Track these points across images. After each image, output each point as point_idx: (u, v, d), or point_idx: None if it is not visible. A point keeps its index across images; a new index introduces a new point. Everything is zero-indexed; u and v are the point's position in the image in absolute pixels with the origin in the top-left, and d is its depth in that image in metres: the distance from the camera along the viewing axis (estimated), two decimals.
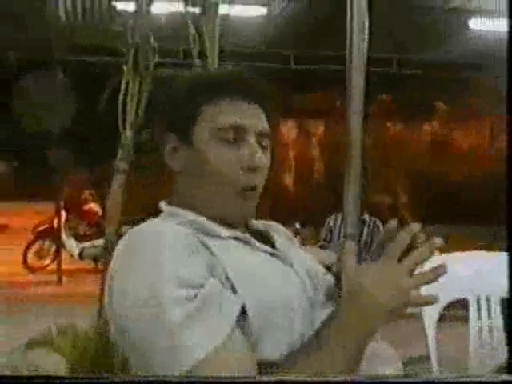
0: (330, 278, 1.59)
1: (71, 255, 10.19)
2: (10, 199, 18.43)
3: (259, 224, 1.63)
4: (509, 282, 1.15)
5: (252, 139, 1.48)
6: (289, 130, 14.76)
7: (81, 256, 10.21)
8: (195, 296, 1.26)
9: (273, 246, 1.54)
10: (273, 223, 1.71)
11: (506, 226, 1.36)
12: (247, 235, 1.49)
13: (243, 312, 1.31)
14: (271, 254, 1.49)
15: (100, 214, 10.61)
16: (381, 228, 6.56)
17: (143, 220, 1.49)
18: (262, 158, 1.49)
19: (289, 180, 14.90)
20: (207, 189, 1.49)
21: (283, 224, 1.79)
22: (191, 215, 1.47)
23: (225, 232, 1.44)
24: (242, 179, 1.47)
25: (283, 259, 1.50)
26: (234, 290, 1.33)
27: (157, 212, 1.54)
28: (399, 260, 1.33)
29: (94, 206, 10.90)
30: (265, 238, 1.56)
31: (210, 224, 1.44)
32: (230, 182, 1.46)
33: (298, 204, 12.73)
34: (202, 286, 1.28)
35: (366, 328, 1.30)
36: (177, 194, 1.55)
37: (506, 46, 1.16)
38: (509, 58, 1.15)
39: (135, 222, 1.49)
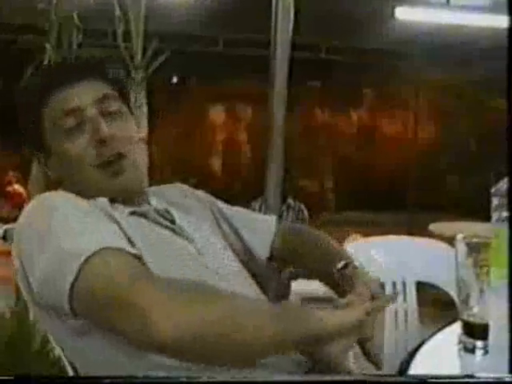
0: (230, 255, 1.62)
1: None
2: None
3: (158, 202, 1.63)
4: (509, 276, 1.17)
5: (93, 111, 1.50)
6: (216, 114, 14.72)
7: (4, 237, 9.99)
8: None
9: (172, 221, 1.55)
10: (170, 191, 1.74)
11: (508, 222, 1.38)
12: (148, 209, 1.53)
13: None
14: (173, 231, 1.51)
15: (24, 195, 10.41)
16: (305, 213, 6.61)
17: None
18: (109, 127, 1.49)
19: (215, 163, 14.87)
20: (78, 179, 1.51)
21: None
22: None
23: (124, 209, 1.48)
24: (97, 155, 1.48)
25: (183, 235, 1.52)
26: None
27: None
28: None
29: (18, 188, 10.68)
30: (165, 214, 1.57)
31: (107, 202, 1.47)
32: (89, 163, 1.48)
33: (223, 188, 12.72)
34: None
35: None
36: (64, 187, 1.56)
37: (507, 46, 1.18)
38: (509, 58, 1.16)
39: None
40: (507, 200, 1.37)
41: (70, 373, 1.43)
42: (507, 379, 1.10)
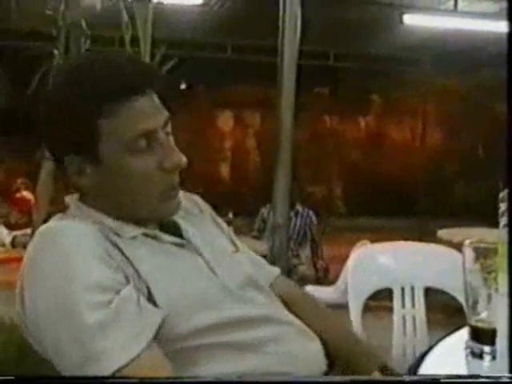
0: (243, 259, 1.60)
1: (2, 244, 10.00)
2: None
3: None
4: (508, 278, 1.17)
5: (161, 135, 1.38)
6: (224, 120, 14.74)
7: (13, 244, 10.03)
8: (110, 302, 1.21)
9: (181, 235, 1.50)
10: (183, 200, 1.61)
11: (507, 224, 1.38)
12: (156, 231, 1.45)
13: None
14: (180, 246, 1.46)
15: (32, 202, 10.43)
16: (313, 219, 6.62)
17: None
18: (180, 155, 1.39)
19: (223, 170, 14.88)
20: (124, 198, 1.40)
21: (216, 213, 1.78)
22: (97, 214, 1.40)
23: (132, 231, 1.39)
24: (165, 182, 1.39)
25: (192, 250, 1.48)
26: (150, 294, 1.30)
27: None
28: None
29: (26, 194, 10.70)
30: (172, 228, 1.51)
31: (116, 224, 1.39)
32: (151, 188, 1.38)
33: (231, 194, 12.72)
34: (117, 291, 1.23)
35: None
36: (86, 195, 1.45)
37: (507, 46, 1.18)
38: (509, 58, 1.16)
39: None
40: (507, 203, 1.37)
41: None
42: (507, 379, 1.10)
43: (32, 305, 1.26)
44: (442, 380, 1.13)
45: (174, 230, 1.50)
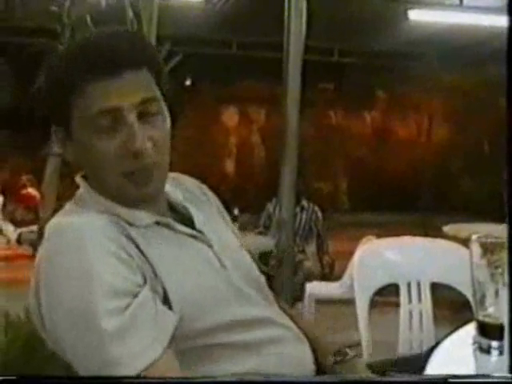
0: (246, 256, 1.60)
1: (8, 240, 10.03)
2: None
3: (176, 195, 1.56)
4: (509, 276, 1.17)
5: (131, 116, 1.34)
6: (230, 116, 14.74)
7: (19, 241, 10.06)
8: (127, 306, 1.21)
9: (192, 224, 1.50)
10: (188, 184, 1.65)
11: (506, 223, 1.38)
12: (169, 219, 1.45)
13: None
14: (192, 236, 1.46)
15: (38, 198, 10.46)
16: (319, 214, 6.62)
17: None
18: (146, 133, 1.35)
19: (229, 166, 14.89)
20: (98, 177, 1.40)
21: None
22: (106, 202, 1.40)
23: (144, 218, 1.39)
24: (126, 165, 1.36)
25: (203, 241, 1.47)
26: (165, 293, 1.30)
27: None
28: None
29: (31, 191, 10.74)
30: (183, 213, 1.52)
31: (127, 212, 1.39)
32: (116, 170, 1.36)
33: (237, 190, 12.73)
34: (135, 295, 1.23)
35: None
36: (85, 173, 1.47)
37: (506, 46, 1.17)
38: (509, 59, 1.16)
39: None
40: (506, 199, 1.37)
41: None
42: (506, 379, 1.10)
43: (49, 307, 1.26)
44: (448, 380, 1.13)
45: (187, 219, 1.50)
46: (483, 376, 1.16)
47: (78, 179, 1.46)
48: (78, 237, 1.27)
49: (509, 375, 1.12)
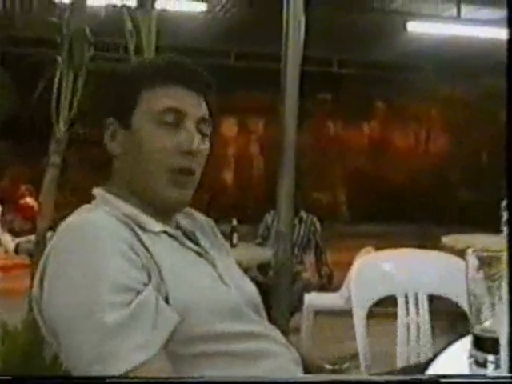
0: (248, 283, 1.63)
1: (6, 250, 9.99)
2: None
3: (187, 223, 1.63)
4: (508, 283, 1.16)
5: (191, 124, 1.49)
6: (228, 126, 14.75)
7: (16, 251, 10.02)
8: (130, 302, 1.24)
9: (198, 244, 1.55)
10: (200, 218, 1.72)
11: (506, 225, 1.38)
12: (178, 232, 1.51)
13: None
14: (198, 254, 1.51)
15: (36, 208, 10.43)
16: (317, 225, 6.60)
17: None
18: (200, 144, 1.50)
19: (227, 177, 14.89)
20: (143, 172, 1.48)
21: (220, 220, 1.79)
22: (124, 206, 1.46)
23: (157, 226, 1.44)
24: (177, 162, 1.47)
25: (208, 260, 1.52)
26: (168, 295, 1.32)
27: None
28: None
29: (30, 201, 10.69)
30: (191, 236, 1.57)
31: (142, 217, 1.44)
32: (166, 164, 1.46)
33: (235, 201, 12.72)
34: (138, 292, 1.26)
35: None
36: (113, 180, 1.54)
37: (506, 48, 1.18)
38: (509, 59, 1.16)
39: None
40: (506, 207, 1.37)
41: None
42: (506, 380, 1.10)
43: (53, 297, 1.29)
44: (440, 380, 1.13)
45: (193, 239, 1.56)
46: (476, 376, 1.15)
47: (96, 191, 1.53)
48: (91, 233, 1.32)
49: (508, 375, 1.12)
